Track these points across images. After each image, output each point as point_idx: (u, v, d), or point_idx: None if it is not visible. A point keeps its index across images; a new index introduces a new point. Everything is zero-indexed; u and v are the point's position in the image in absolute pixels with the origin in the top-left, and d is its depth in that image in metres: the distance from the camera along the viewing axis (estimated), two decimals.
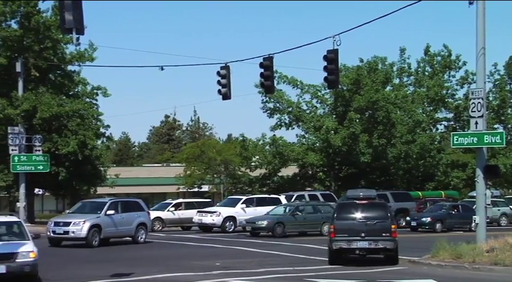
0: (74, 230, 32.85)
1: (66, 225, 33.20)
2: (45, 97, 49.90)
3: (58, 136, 50.80)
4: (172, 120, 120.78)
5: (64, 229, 33.10)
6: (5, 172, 50.22)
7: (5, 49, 50.26)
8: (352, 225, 24.99)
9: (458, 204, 47.86)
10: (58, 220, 34.74)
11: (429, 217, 45.40)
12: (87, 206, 36.00)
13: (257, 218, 41.68)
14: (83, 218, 33.30)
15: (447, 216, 45.84)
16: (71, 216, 34.83)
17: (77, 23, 18.39)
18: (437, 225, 44.85)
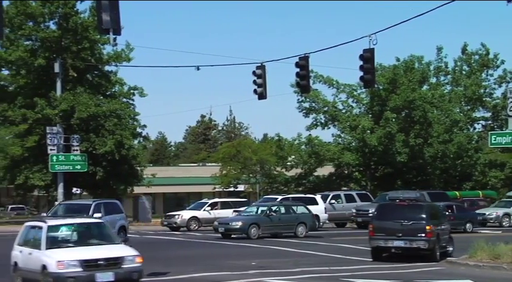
0: None
1: None
2: (82, 97, 50.35)
3: (95, 136, 51.22)
4: (208, 120, 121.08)
5: None
6: (44, 172, 50.74)
7: (44, 50, 50.85)
8: (390, 225, 26.23)
9: (453, 205, 45.06)
10: None
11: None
12: (69, 208, 31.76)
13: (230, 219, 39.96)
14: None
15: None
16: None
17: (114, 23, 18.55)
18: None
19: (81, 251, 18.13)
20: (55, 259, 17.52)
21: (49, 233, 18.67)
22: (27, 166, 52.25)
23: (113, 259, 17.80)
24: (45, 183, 52.12)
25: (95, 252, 18.11)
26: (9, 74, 53.43)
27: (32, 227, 19.98)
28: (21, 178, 52.07)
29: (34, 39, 51.66)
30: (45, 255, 17.97)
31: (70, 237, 19.31)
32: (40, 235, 18.73)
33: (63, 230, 19.39)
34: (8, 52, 50.38)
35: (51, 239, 18.61)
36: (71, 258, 17.58)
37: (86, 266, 17.47)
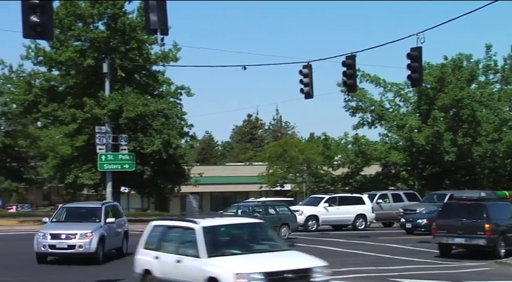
0: (82, 243, 25.84)
1: (70, 237, 26.04)
2: (130, 97, 50.84)
3: (143, 135, 51.67)
4: (254, 119, 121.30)
5: (68, 243, 25.92)
6: (93, 171, 51.34)
7: (93, 50, 51.46)
8: (451, 222, 27.96)
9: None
10: (57, 232, 26.26)
11: (425, 219, 40.47)
12: (75, 212, 28.52)
13: None
14: (87, 229, 26.32)
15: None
16: (66, 226, 26.90)
17: (161, 23, 18.69)
18: None
19: (259, 260, 14.94)
20: (231, 271, 14.29)
21: (206, 236, 15.45)
22: (77, 165, 52.93)
23: (302, 271, 14.60)
24: (94, 182, 52.70)
25: (278, 262, 14.88)
26: (59, 74, 54.21)
27: (169, 227, 17.10)
28: (71, 177, 52.77)
29: (83, 40, 52.33)
30: (211, 265, 14.78)
31: (232, 241, 16.29)
32: (193, 239, 15.60)
33: (222, 233, 16.32)
34: (58, 53, 51.13)
35: (211, 244, 15.39)
36: (252, 269, 14.26)
37: (271, 280, 14.20)
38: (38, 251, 26.08)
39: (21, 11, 15.47)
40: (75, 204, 31.76)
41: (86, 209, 28.98)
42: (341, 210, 43.71)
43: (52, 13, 16.40)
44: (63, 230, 26.16)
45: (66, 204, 29.53)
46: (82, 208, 29.35)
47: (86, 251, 25.69)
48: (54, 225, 26.78)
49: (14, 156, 60.55)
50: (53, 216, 27.70)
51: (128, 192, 62.53)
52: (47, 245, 25.77)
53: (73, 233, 25.91)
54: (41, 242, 25.92)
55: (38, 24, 15.42)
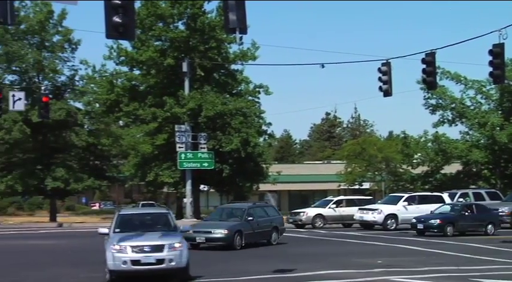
0: (172, 256, 20.96)
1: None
2: (209, 96, 51.32)
3: (222, 134, 52.08)
4: (332, 118, 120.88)
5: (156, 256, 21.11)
6: (173, 169, 52.00)
7: (173, 50, 52.15)
8: None
9: (472, 204, 41.90)
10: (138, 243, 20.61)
11: (438, 219, 38.74)
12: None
13: (212, 226, 31.38)
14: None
15: (459, 218, 39.29)
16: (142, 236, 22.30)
17: (240, 22, 18.78)
18: (447, 228, 38.36)
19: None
20: None
21: None
22: (157, 163, 53.72)
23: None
24: (174, 180, 53.37)
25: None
26: (140, 73, 55.15)
27: None
28: (152, 175, 53.59)
29: (164, 40, 53.08)
30: None
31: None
32: None
33: None
34: (139, 52, 52.01)
35: None
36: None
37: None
38: (116, 268, 20.01)
39: (104, 12, 15.80)
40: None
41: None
42: (420, 209, 43.11)
43: (134, 14, 16.71)
44: (142, 241, 20.36)
45: (122, 211, 23.19)
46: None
47: (178, 265, 20.23)
48: (129, 236, 20.73)
49: (97, 154, 61.75)
50: (114, 226, 21.47)
51: (207, 190, 63.08)
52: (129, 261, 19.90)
53: (159, 244, 20.21)
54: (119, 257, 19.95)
55: (120, 24, 15.72)
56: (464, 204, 41.79)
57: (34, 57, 56.13)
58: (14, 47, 55.55)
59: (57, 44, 57.72)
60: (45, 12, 56.11)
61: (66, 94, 59.80)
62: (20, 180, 56.83)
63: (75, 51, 58.43)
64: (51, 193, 58.37)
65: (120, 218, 21.75)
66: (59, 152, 58.98)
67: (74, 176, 57.18)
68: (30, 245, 34.64)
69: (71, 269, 23.62)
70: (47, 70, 56.62)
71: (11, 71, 57.63)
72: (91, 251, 30.52)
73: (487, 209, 41.14)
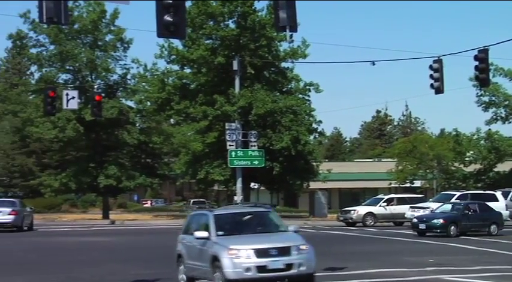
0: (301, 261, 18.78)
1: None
2: (260, 94, 51.42)
3: (272, 132, 52.14)
4: (383, 115, 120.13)
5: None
6: (223, 167, 52.23)
7: (223, 48, 52.39)
8: None
9: (475, 203, 40.39)
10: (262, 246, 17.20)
11: (441, 218, 37.06)
12: None
13: None
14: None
15: (462, 217, 37.67)
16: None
17: (290, 20, 18.79)
18: (451, 228, 36.63)
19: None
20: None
21: None
22: (208, 161, 54.03)
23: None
24: (224, 178, 53.60)
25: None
26: (191, 72, 55.51)
27: None
28: (202, 173, 53.91)
29: (214, 38, 53.36)
30: None
31: None
32: None
33: None
34: (190, 51, 52.37)
35: None
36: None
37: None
38: (239, 277, 16.67)
39: (156, 11, 15.94)
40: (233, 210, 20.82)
41: None
42: None
43: (185, 13, 16.81)
44: (264, 243, 17.10)
45: (215, 211, 19.18)
46: None
47: (307, 271, 17.20)
48: (243, 239, 17.47)
49: (148, 152, 62.33)
50: (215, 228, 17.77)
51: (257, 188, 63.21)
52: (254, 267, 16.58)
53: (286, 246, 17.08)
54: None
55: (171, 23, 15.85)
56: (467, 203, 40.22)
57: (87, 57, 56.88)
58: (68, 46, 56.35)
59: (109, 43, 58.39)
60: (98, 11, 56.82)
61: (118, 93, 60.48)
62: (73, 178, 57.67)
63: (127, 50, 59.12)
64: (103, 191, 59.10)
65: (216, 218, 17.93)
66: (111, 150, 59.69)
67: (126, 174, 57.80)
68: (83, 241, 35.19)
69: (123, 265, 23.92)
70: (99, 69, 57.33)
71: (64, 70, 58.48)
72: (142, 248, 30.93)
73: (490, 208, 39.72)
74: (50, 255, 27.56)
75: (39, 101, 51.66)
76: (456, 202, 41.62)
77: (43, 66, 58.66)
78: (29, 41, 58.20)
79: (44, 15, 16.03)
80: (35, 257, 26.97)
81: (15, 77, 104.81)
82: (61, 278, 20.73)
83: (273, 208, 20.73)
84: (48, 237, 37.80)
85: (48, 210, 68.34)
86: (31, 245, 33.07)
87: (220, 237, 17.26)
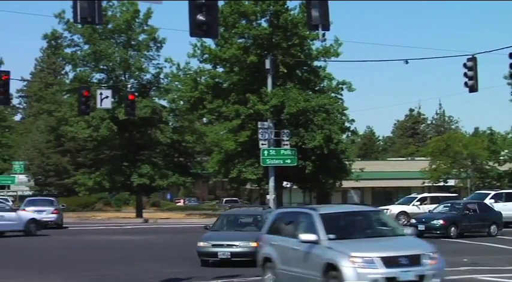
0: None
1: None
2: (292, 92, 51.36)
3: (305, 130, 52.05)
4: (416, 114, 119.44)
5: None
6: (256, 166, 52.25)
7: (256, 47, 52.40)
8: None
9: (475, 203, 38.87)
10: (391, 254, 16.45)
11: (441, 219, 35.30)
12: None
13: None
14: None
15: (462, 218, 36.01)
16: None
17: (323, 19, 18.75)
18: (451, 229, 34.99)
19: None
20: None
21: None
22: (240, 160, 54.09)
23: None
24: (257, 176, 53.61)
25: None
26: (223, 71, 55.62)
27: None
28: (235, 172, 54.00)
29: (247, 37, 53.40)
30: None
31: None
32: None
33: None
34: (223, 50, 52.47)
35: None
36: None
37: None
38: None
39: (188, 11, 16.00)
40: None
41: None
42: (508, 207, 42.14)
43: (217, 12, 16.86)
44: (391, 250, 14.91)
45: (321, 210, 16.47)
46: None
47: None
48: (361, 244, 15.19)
49: (181, 151, 62.60)
50: (324, 230, 15.37)
51: (290, 187, 63.16)
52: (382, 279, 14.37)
53: (416, 254, 14.97)
54: None
55: (204, 22, 15.90)
56: (466, 203, 38.61)
57: (121, 56, 57.28)
58: (102, 46, 56.79)
59: (142, 42, 58.74)
60: (132, 11, 57.18)
61: (151, 92, 60.83)
62: (107, 177, 58.11)
63: (160, 50, 59.44)
64: (137, 189, 59.47)
65: (324, 219, 15.51)
66: (145, 149, 60.03)
67: (159, 173, 58.09)
68: (117, 240, 35.45)
69: (156, 264, 24.06)
70: (133, 68, 57.71)
71: (98, 69, 58.96)
72: (175, 246, 31.07)
73: (490, 208, 38.33)
74: (83, 254, 27.83)
75: (74, 101, 52.17)
76: (455, 202, 40.34)
77: (77, 66, 59.16)
78: (63, 41, 58.81)
79: (78, 15, 16.18)
80: (69, 255, 27.26)
81: (50, 76, 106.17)
82: (95, 276, 20.92)
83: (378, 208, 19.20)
84: (82, 235, 38.17)
85: (82, 208, 69.03)
86: (65, 243, 33.43)
87: (333, 241, 14.93)
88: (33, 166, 77.51)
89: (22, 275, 21.15)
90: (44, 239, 35.66)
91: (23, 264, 24.13)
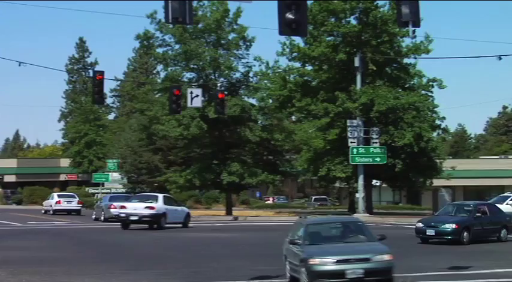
0: None
1: None
2: (381, 90, 50.98)
3: (394, 128, 51.59)
4: (510, 111, 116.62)
5: None
6: (345, 164, 52.09)
7: (345, 45, 52.24)
8: None
9: (485, 204, 34.81)
10: None
11: (453, 223, 30.83)
12: None
13: None
14: None
15: (474, 221, 31.60)
16: None
17: (413, 16, 18.56)
18: (464, 234, 30.70)
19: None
20: None
21: None
22: (329, 158, 53.99)
23: None
24: (346, 175, 53.43)
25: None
26: (312, 69, 55.62)
27: None
28: (324, 170, 53.92)
29: (335, 35, 53.27)
30: None
31: None
32: None
33: None
34: (312, 48, 52.47)
35: None
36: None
37: None
38: None
39: (278, 9, 16.11)
40: None
41: None
42: None
43: (306, 10, 16.91)
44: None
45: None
46: None
47: None
48: None
49: (270, 149, 62.84)
50: None
51: (379, 185, 62.69)
52: None
53: None
54: None
55: (293, 21, 15.98)
56: (477, 204, 33.78)
57: (211, 55, 57.89)
58: (192, 45, 57.53)
59: (232, 41, 59.22)
60: (222, 11, 57.73)
61: (240, 90, 61.27)
62: (197, 175, 58.82)
63: (250, 48, 59.77)
64: (226, 187, 60.01)
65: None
66: (234, 147, 60.53)
67: (248, 171, 58.47)
68: (207, 237, 35.90)
69: (246, 261, 24.25)
70: (222, 67, 58.24)
71: (189, 68, 59.74)
72: (264, 244, 31.25)
73: (499, 210, 34.42)
74: (174, 250, 28.29)
75: (165, 100, 53.04)
76: (462, 203, 36.29)
77: (168, 66, 60.10)
78: (155, 41, 59.79)
79: (169, 15, 16.51)
80: (160, 251, 27.76)
81: (143, 76, 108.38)
82: (186, 272, 21.26)
83: None
84: (173, 232, 38.77)
85: None
86: (156, 240, 34.03)
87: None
88: (126, 164, 79.23)
89: (116, 269, 21.67)
90: (135, 235, 36.42)
91: (119, 259, 24.74)
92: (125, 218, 39.62)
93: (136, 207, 39.76)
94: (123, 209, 40.07)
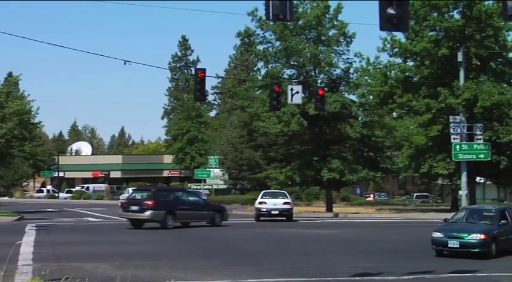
0: None
1: None
2: (485, 86, 49.90)
3: (499, 124, 50.44)
4: None
5: None
6: (447, 160, 51.25)
7: (447, 40, 51.36)
8: None
9: (505, 209, 27.20)
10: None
11: (481, 233, 24.57)
12: None
13: None
14: None
15: (500, 230, 25.45)
16: None
17: None
18: (492, 246, 24.56)
19: None
20: None
21: None
22: (431, 155, 53.22)
23: None
24: (448, 172, 52.59)
25: None
26: (413, 65, 54.92)
27: None
28: (425, 167, 53.18)
29: (438, 30, 52.43)
30: None
31: None
32: None
33: None
34: (413, 43, 51.81)
35: None
36: None
37: None
38: None
39: (378, 5, 16.03)
40: None
41: None
42: None
43: (408, 5, 16.77)
44: None
45: None
46: None
47: None
48: None
49: (371, 146, 62.40)
50: None
51: (483, 182, 61.38)
52: None
53: None
54: None
55: (394, 16, 15.87)
56: (502, 209, 27.11)
57: (311, 52, 57.89)
58: (293, 42, 57.67)
59: (332, 37, 59.03)
60: (322, 7, 57.63)
61: (341, 87, 61.04)
62: (298, 171, 58.96)
63: (350, 45, 59.44)
64: (327, 184, 59.94)
65: None
66: (334, 144, 60.39)
67: (349, 167, 58.21)
68: (308, 233, 36.00)
69: (347, 257, 24.21)
70: (322, 64, 58.15)
71: (289, 65, 59.90)
72: (366, 241, 31.12)
73: None
74: (275, 246, 28.46)
75: (266, 96, 53.42)
76: (482, 208, 28.69)
77: (269, 62, 60.42)
78: (256, 38, 60.22)
79: (270, 12, 16.67)
80: (260, 248, 27.95)
81: (243, 73, 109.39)
82: (287, 268, 21.38)
83: None
84: (272, 228, 39.04)
85: None
86: (257, 236, 34.31)
87: None
88: (227, 160, 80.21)
89: (218, 264, 22.01)
90: (236, 230, 36.84)
91: (221, 254, 25.09)
92: (266, 213, 45.00)
93: (276, 203, 45.16)
94: (264, 205, 45.23)
